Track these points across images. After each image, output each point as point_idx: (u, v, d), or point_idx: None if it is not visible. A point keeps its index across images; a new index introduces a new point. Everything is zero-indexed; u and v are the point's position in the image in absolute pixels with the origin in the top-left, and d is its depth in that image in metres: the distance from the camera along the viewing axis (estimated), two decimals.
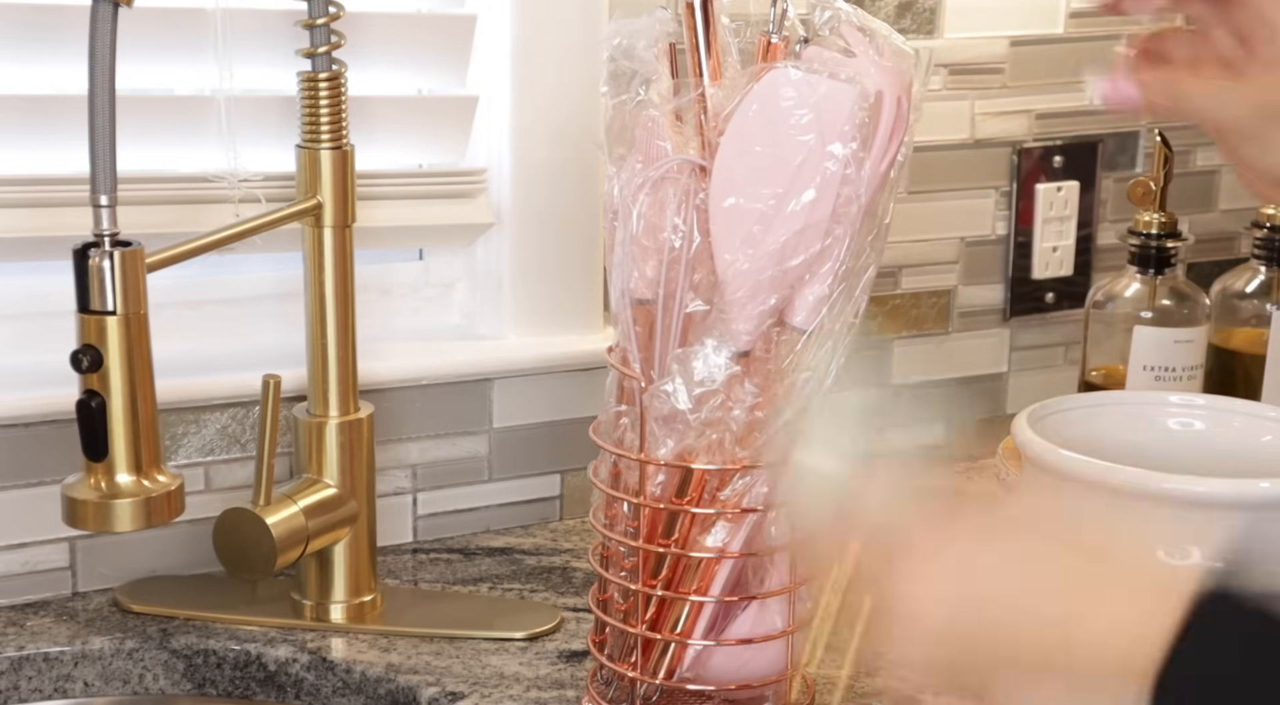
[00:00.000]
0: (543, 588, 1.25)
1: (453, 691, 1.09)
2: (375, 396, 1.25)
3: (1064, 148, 1.55)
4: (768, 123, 0.90)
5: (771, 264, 0.90)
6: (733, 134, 0.90)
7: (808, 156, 0.89)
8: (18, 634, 1.15)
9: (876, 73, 0.90)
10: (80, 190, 1.03)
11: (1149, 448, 1.00)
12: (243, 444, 1.25)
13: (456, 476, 1.34)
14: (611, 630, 1.02)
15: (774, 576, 0.99)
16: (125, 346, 1.03)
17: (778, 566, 0.99)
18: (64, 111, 1.15)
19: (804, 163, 0.89)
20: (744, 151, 0.90)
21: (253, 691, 1.15)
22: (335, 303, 1.16)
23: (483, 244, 1.35)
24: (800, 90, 0.89)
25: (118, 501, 1.04)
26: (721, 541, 0.97)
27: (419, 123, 1.31)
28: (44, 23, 1.17)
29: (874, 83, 0.90)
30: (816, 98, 0.89)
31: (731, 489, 0.95)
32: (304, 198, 1.15)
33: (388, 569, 1.27)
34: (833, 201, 0.89)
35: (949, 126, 1.49)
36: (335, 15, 1.13)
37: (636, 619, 0.99)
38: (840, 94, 0.89)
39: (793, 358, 0.93)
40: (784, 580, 0.99)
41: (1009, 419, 1.06)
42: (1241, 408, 1.02)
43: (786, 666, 1.00)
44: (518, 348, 1.34)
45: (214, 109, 1.22)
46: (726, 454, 0.94)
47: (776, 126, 0.89)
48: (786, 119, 0.89)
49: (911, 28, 1.45)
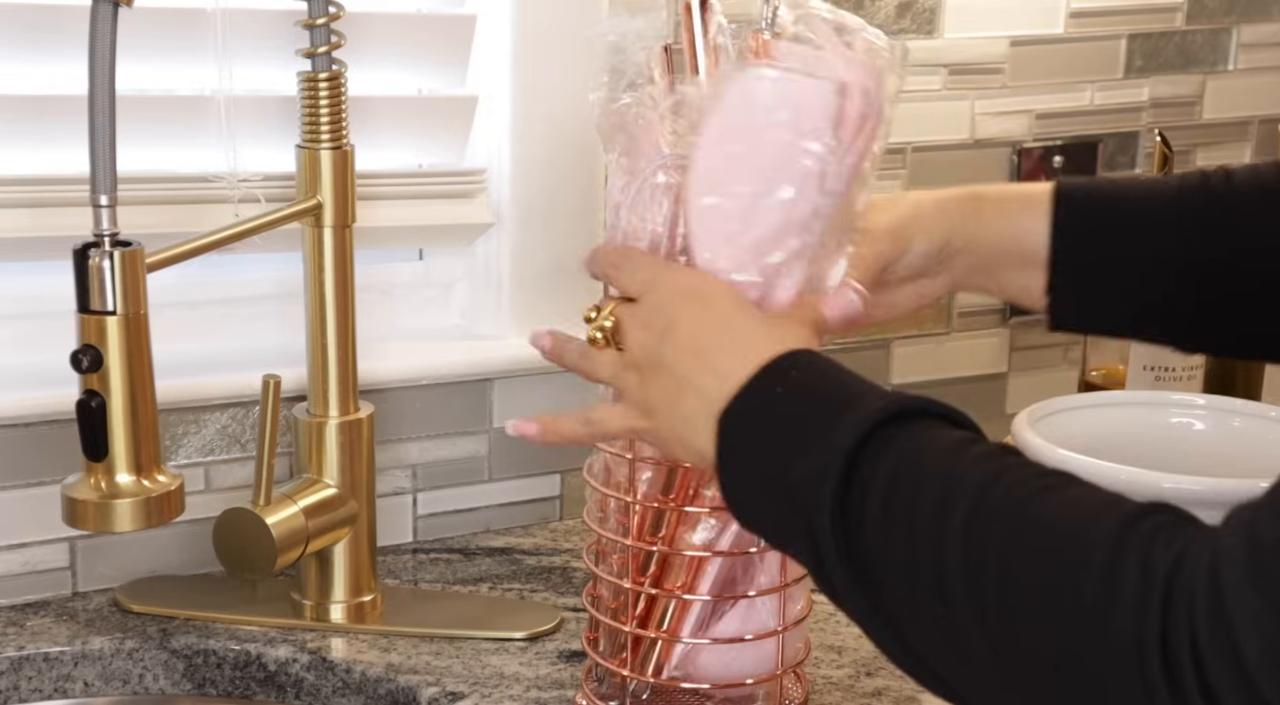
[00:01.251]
0: (543, 588, 1.25)
1: (453, 691, 1.09)
2: (375, 396, 1.24)
3: (1064, 148, 1.55)
4: (744, 121, 0.90)
5: (751, 260, 0.90)
6: (709, 132, 0.91)
7: (784, 153, 0.89)
8: (18, 634, 1.15)
9: (843, 65, 0.90)
10: (80, 190, 1.03)
11: (1149, 448, 1.00)
12: (243, 444, 1.25)
13: (456, 476, 1.34)
14: (604, 627, 1.02)
15: (763, 576, 0.99)
16: (125, 346, 1.03)
17: (767, 566, 0.99)
18: (64, 111, 1.14)
19: (781, 160, 0.89)
20: (721, 149, 0.90)
21: (253, 691, 1.15)
22: (335, 303, 1.16)
23: (483, 244, 1.35)
24: (775, 87, 0.89)
25: (118, 501, 1.04)
26: (707, 539, 0.97)
27: (419, 123, 1.31)
28: (44, 23, 1.17)
29: (841, 74, 0.90)
30: (791, 94, 0.89)
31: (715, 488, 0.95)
32: (304, 198, 1.15)
33: (388, 569, 1.27)
34: (812, 198, 0.89)
35: (949, 126, 1.49)
36: (335, 15, 1.13)
37: (626, 616, 0.99)
38: (815, 90, 0.89)
39: None
40: (774, 579, 0.99)
41: (1009, 419, 1.06)
42: (1241, 408, 1.02)
43: (777, 665, 1.00)
44: (518, 348, 1.34)
45: (214, 109, 1.22)
46: None
47: (752, 124, 0.90)
48: (762, 117, 0.89)
49: (911, 28, 1.45)
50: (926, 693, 1.11)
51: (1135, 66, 1.56)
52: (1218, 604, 0.64)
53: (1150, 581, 0.66)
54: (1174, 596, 0.65)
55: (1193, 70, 1.59)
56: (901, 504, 0.75)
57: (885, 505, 0.75)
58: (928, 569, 0.73)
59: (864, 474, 0.76)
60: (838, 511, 0.76)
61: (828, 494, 0.76)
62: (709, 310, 0.87)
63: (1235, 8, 1.59)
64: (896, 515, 0.74)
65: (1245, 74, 1.61)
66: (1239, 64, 1.60)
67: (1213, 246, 0.99)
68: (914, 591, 0.74)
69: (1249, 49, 1.60)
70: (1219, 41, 1.59)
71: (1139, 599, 0.66)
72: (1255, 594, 0.63)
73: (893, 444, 0.77)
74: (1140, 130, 1.57)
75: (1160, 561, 0.66)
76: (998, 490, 0.73)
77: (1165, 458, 0.98)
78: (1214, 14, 1.58)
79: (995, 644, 0.71)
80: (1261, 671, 0.63)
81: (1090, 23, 1.52)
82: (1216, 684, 0.64)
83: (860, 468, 0.76)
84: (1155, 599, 0.66)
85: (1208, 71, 1.59)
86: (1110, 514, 0.69)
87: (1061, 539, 0.69)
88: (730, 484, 0.84)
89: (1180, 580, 0.66)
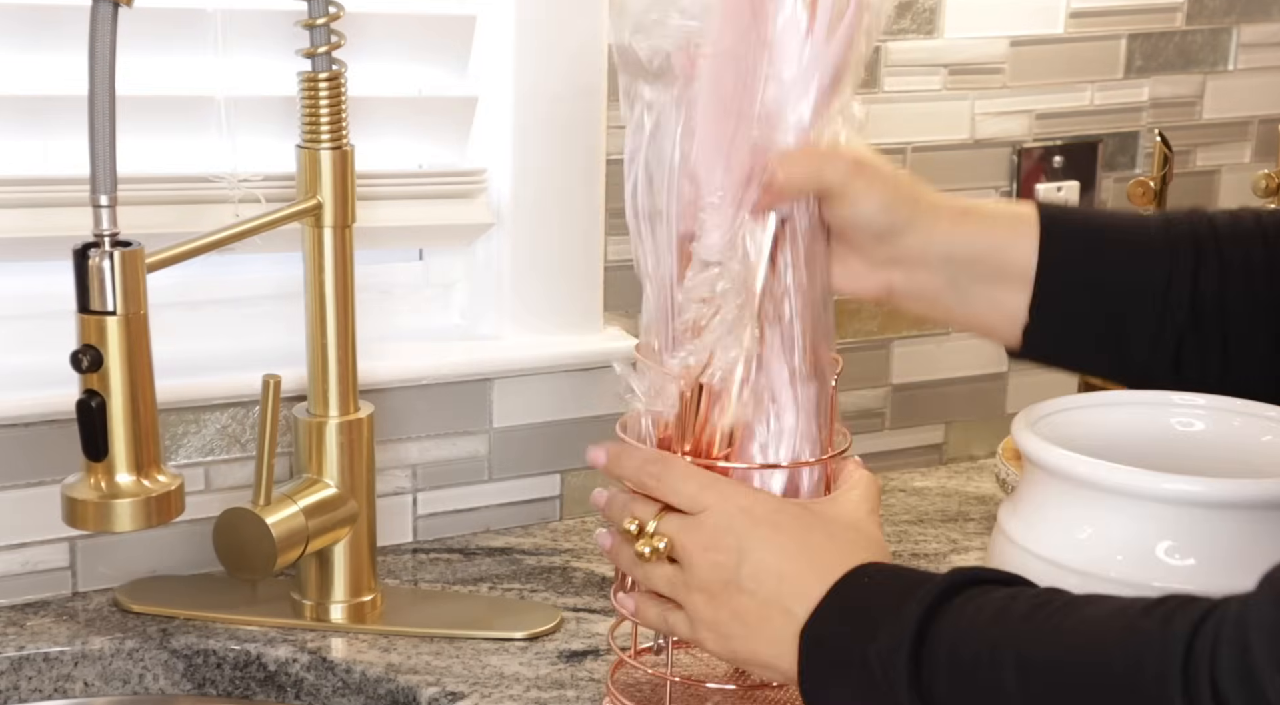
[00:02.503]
0: (543, 588, 1.25)
1: (453, 691, 1.09)
2: (375, 396, 1.25)
3: (1064, 148, 1.55)
4: (736, 26, 0.91)
5: (748, 161, 0.92)
6: (711, 47, 0.92)
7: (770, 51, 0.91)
8: (18, 634, 1.15)
9: None
10: (80, 190, 1.03)
11: (1149, 448, 1.00)
12: (243, 444, 1.25)
13: (456, 476, 1.34)
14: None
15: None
16: (125, 346, 1.03)
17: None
18: (64, 111, 1.15)
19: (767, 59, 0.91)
20: (719, 61, 0.92)
21: (253, 691, 1.15)
22: (335, 303, 1.16)
23: (483, 244, 1.35)
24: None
25: (118, 501, 1.04)
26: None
27: (419, 123, 1.31)
28: (44, 22, 1.17)
29: None
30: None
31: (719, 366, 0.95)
32: (304, 198, 1.15)
33: (388, 569, 1.27)
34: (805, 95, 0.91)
35: (949, 126, 1.49)
36: (335, 15, 1.13)
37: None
38: None
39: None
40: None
41: (1009, 419, 1.06)
42: (1241, 408, 1.02)
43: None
44: (518, 348, 1.34)
45: (214, 109, 1.22)
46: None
47: (743, 29, 0.91)
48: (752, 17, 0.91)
49: (911, 28, 1.45)
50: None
51: (1135, 66, 1.56)
52: (1241, 642, 0.67)
53: (1177, 631, 0.71)
54: (1199, 635, 0.69)
55: (1193, 70, 1.59)
56: (962, 673, 0.79)
57: (950, 672, 0.80)
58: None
59: (931, 646, 0.80)
60: (915, 681, 0.81)
61: (902, 664, 0.81)
62: (780, 533, 0.90)
63: (1235, 8, 1.59)
64: (959, 682, 0.79)
65: (1245, 74, 1.61)
66: (1239, 64, 1.60)
67: (1202, 279, 0.99)
68: None
69: (1249, 49, 1.60)
70: (1219, 41, 1.59)
71: (1162, 643, 0.71)
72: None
73: (952, 612, 0.81)
74: (1140, 130, 1.57)
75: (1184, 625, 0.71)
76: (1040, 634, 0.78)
77: (1165, 458, 0.98)
78: (1214, 14, 1.58)
79: None
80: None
81: (1090, 23, 1.52)
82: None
83: (928, 639, 0.80)
84: (1180, 639, 0.70)
85: (1208, 71, 1.59)
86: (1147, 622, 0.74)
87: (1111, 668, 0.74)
88: (810, 691, 0.87)
89: (1206, 625, 0.69)
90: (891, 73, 1.44)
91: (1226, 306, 0.98)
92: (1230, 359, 0.99)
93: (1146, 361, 1.01)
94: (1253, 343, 0.99)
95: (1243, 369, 1.00)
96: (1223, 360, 0.99)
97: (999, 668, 0.77)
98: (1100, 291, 1.00)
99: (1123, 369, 1.03)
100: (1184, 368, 1.00)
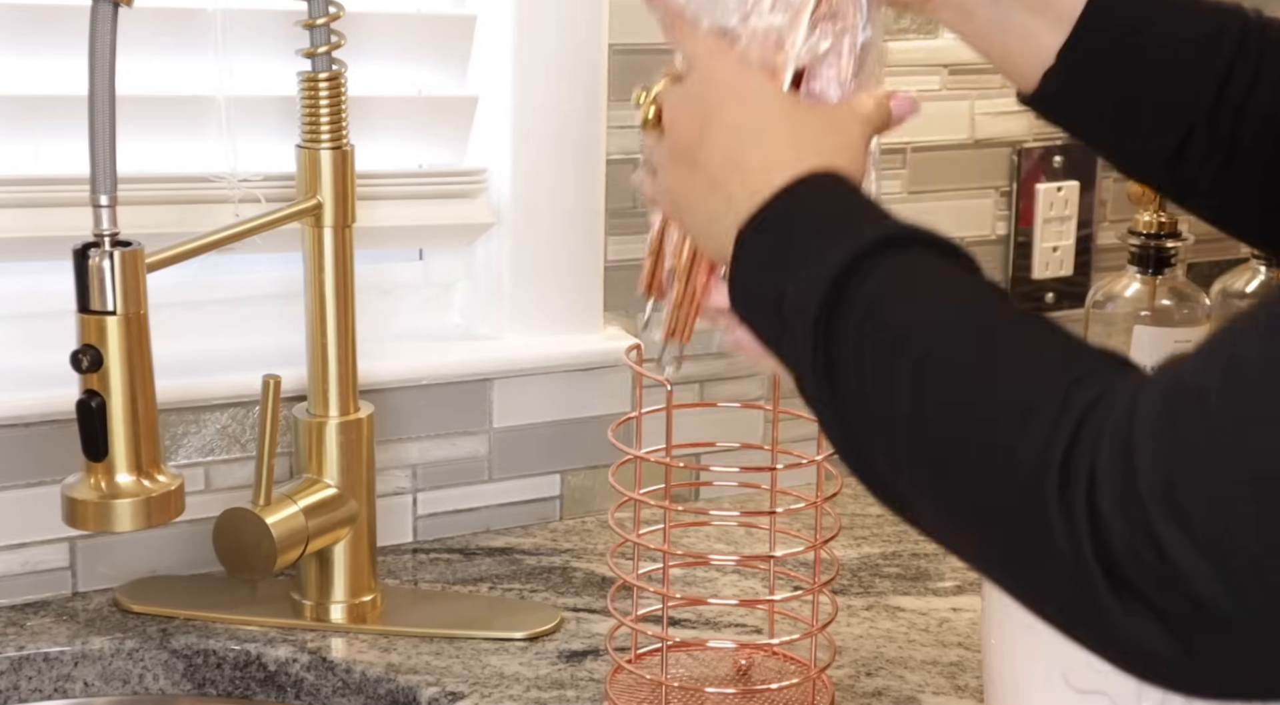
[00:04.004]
0: (543, 588, 1.25)
1: (453, 691, 1.09)
2: (375, 396, 1.25)
3: (1064, 148, 1.55)
4: None
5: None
6: None
7: None
8: (18, 634, 1.15)
9: None
10: (80, 190, 1.03)
11: None
12: (243, 444, 1.25)
13: (456, 476, 1.34)
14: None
15: None
16: (125, 346, 1.03)
17: None
18: (64, 111, 1.14)
19: None
20: None
21: (253, 691, 1.15)
22: (335, 303, 1.16)
23: (483, 244, 1.35)
24: None
25: (118, 501, 1.04)
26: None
27: (419, 123, 1.31)
28: (44, 22, 1.18)
29: None
30: None
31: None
32: (304, 198, 1.15)
33: (388, 569, 1.27)
34: None
35: (949, 126, 1.49)
36: (335, 15, 1.13)
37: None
38: None
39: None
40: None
41: None
42: None
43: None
44: (518, 348, 1.34)
45: (214, 109, 1.22)
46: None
47: None
48: None
49: (911, 28, 1.45)
50: (926, 692, 1.11)
51: None
52: (1125, 434, 0.65)
53: (1067, 411, 0.68)
54: (1085, 424, 0.67)
55: None
56: (869, 341, 0.76)
57: (857, 341, 0.77)
58: (878, 406, 0.75)
59: (845, 305, 0.77)
60: (821, 342, 0.77)
61: (808, 322, 0.78)
62: (746, 113, 0.87)
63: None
64: (864, 351, 0.76)
65: None
66: None
67: (1235, 83, 0.94)
68: (868, 420, 0.76)
69: None
70: None
71: (1051, 423, 0.68)
72: (1162, 433, 0.64)
73: (874, 274, 0.77)
74: None
75: (1080, 401, 0.68)
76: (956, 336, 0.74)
77: None
78: None
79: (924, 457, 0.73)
80: (1153, 503, 0.64)
81: None
82: (1104, 505, 0.65)
83: (843, 298, 0.77)
84: (1068, 423, 0.67)
85: None
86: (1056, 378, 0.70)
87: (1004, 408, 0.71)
88: (736, 298, 0.85)
89: (1095, 411, 0.67)
90: (891, 73, 1.44)
91: (1246, 112, 0.94)
92: (1231, 161, 0.95)
93: (1146, 141, 0.97)
94: (1257, 153, 0.95)
95: (1241, 174, 0.95)
96: (1224, 163, 0.95)
97: (901, 354, 0.74)
98: (1129, 63, 0.95)
99: (1119, 142, 1.00)
100: (1183, 161, 0.96)
